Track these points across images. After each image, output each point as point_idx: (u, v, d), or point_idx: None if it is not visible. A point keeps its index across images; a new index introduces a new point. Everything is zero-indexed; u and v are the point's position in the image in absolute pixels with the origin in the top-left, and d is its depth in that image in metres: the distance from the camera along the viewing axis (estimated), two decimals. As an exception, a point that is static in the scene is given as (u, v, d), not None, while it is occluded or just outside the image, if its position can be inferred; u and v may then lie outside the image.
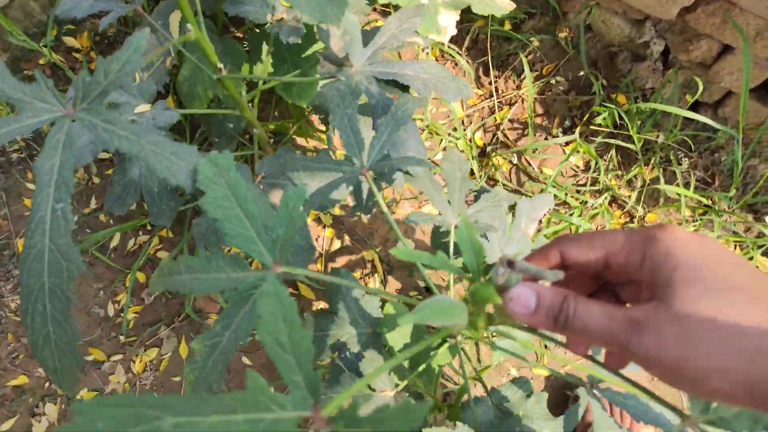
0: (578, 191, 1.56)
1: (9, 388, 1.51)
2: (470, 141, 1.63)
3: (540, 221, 1.09)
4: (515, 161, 1.61)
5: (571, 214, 1.52)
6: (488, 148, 1.63)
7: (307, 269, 0.63)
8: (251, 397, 0.37)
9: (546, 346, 1.48)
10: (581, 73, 1.57)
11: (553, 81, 1.58)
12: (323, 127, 1.50)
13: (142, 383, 1.52)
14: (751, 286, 0.30)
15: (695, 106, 1.51)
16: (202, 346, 0.57)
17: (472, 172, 1.60)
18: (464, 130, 1.64)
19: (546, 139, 1.61)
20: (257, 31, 1.17)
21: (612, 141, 1.51)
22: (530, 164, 1.62)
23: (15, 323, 1.55)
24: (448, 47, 1.64)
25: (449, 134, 1.63)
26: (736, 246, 1.50)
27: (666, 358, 0.31)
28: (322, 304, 1.55)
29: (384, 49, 0.92)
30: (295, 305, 0.41)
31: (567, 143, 1.57)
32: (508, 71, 1.63)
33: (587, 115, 1.52)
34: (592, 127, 1.54)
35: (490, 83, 1.65)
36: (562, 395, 1.47)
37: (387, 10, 1.71)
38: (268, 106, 1.53)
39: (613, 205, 1.58)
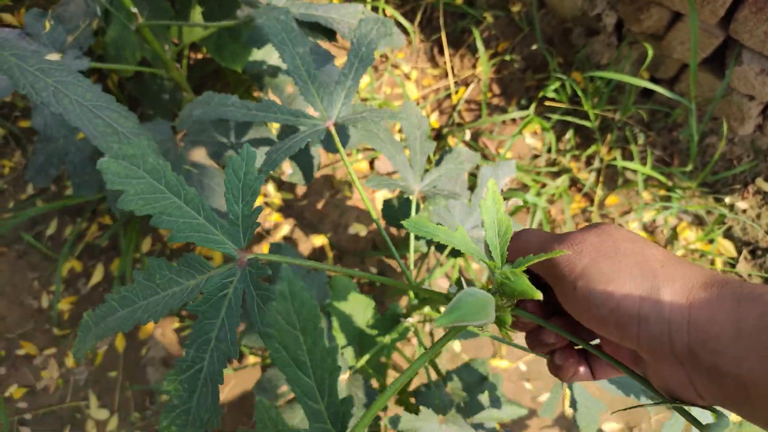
0: (538, 173, 1.51)
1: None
2: (425, 122, 1.58)
3: (502, 190, 1.02)
4: (472, 143, 1.56)
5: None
6: (444, 130, 1.58)
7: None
8: None
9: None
10: (534, 47, 1.53)
11: (508, 57, 1.54)
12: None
13: (77, 378, 1.43)
14: (634, 251, 0.35)
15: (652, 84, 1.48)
16: (177, 384, 0.44)
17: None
18: (419, 111, 1.59)
19: (504, 122, 1.57)
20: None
21: (568, 118, 1.47)
22: (487, 147, 1.57)
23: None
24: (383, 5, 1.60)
25: (403, 116, 1.57)
26: (697, 230, 1.45)
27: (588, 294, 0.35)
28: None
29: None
30: (317, 309, 0.32)
31: (522, 120, 1.52)
32: (463, 49, 1.59)
33: (542, 92, 1.48)
34: (548, 103, 1.50)
35: (445, 63, 1.60)
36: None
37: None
38: (210, 81, 1.46)
39: (573, 188, 1.53)
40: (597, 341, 0.40)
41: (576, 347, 0.42)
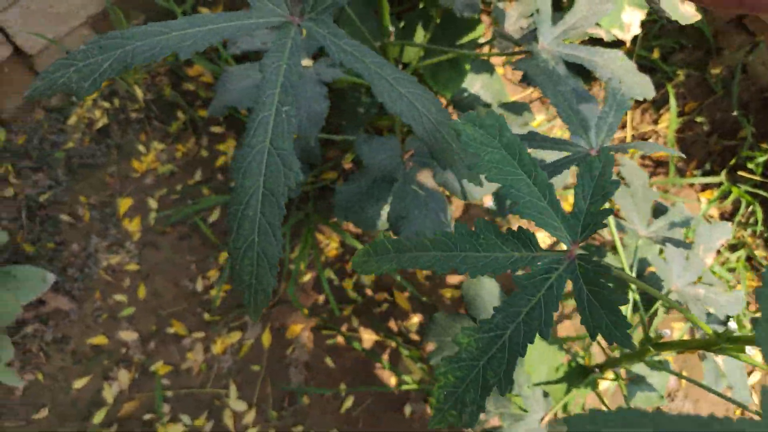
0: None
1: (88, 347, 1.47)
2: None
3: (718, 251, 1.01)
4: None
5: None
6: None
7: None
8: None
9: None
10: (733, 113, 1.47)
11: (698, 119, 1.48)
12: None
13: (220, 366, 1.46)
14: None
15: None
16: (472, 339, 0.45)
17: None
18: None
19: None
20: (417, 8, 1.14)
21: (759, 191, 1.39)
22: (656, 205, 1.51)
23: (104, 282, 1.53)
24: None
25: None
26: None
27: None
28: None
29: (572, 31, 0.86)
30: None
31: (707, 186, 1.46)
32: (646, 103, 1.55)
33: (734, 159, 1.41)
34: (740, 173, 1.43)
35: (626, 114, 1.56)
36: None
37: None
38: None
39: (747, 264, 1.44)
40: None
41: None
